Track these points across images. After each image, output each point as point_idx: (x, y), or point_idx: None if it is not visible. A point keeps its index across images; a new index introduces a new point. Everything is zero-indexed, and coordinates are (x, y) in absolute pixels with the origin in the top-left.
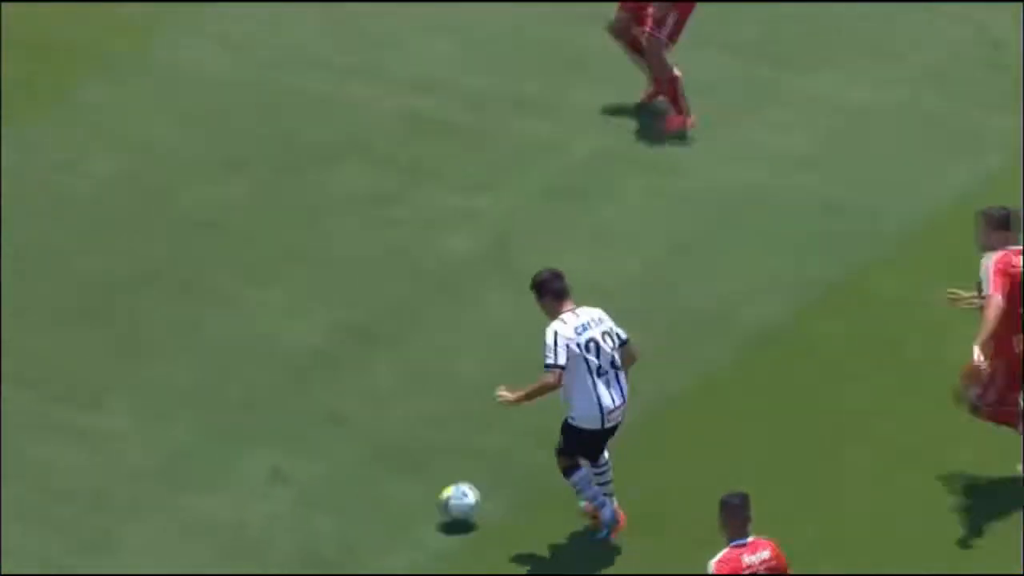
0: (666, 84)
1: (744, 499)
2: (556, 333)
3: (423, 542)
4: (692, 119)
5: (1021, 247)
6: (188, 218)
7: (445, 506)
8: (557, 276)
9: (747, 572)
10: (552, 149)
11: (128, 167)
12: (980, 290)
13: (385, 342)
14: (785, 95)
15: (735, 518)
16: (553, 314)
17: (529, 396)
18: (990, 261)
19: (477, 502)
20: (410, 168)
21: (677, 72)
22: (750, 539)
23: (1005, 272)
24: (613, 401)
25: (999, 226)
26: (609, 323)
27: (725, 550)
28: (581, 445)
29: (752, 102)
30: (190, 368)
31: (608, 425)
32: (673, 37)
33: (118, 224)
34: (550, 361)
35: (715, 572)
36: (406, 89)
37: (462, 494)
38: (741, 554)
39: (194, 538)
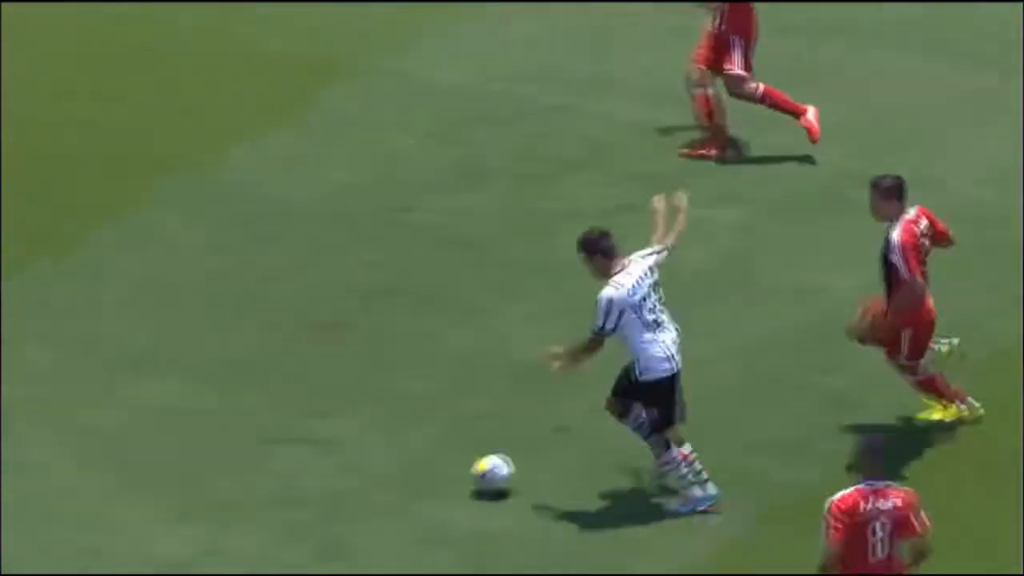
0: (766, 102)
1: (883, 442)
2: (612, 300)
3: (655, 552)
4: (813, 108)
5: (914, 213)
6: (429, 230)
7: (483, 477)
8: (605, 235)
9: (864, 515)
10: (791, 163)
11: (371, 178)
12: (886, 262)
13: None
14: (1016, 106)
15: (870, 459)
16: (604, 274)
17: (574, 356)
18: (898, 239)
19: (511, 472)
20: (649, 180)
21: (761, 85)
22: (883, 484)
23: (916, 247)
24: (675, 340)
25: (890, 196)
26: (655, 272)
27: (852, 488)
28: (663, 399)
29: (983, 114)
30: (429, 378)
31: (679, 366)
32: (748, 66)
33: (360, 236)
34: (599, 325)
35: (831, 507)
36: (648, 101)
37: (498, 466)
38: (866, 495)
39: (431, 546)
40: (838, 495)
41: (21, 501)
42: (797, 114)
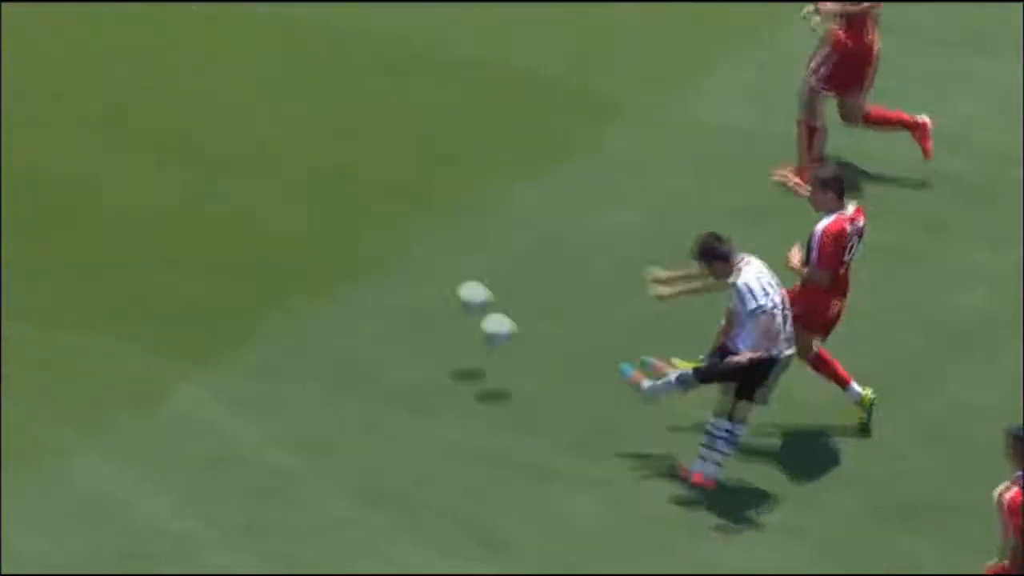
0: (803, 129)
1: None
2: (757, 282)
3: None
4: (804, 186)
5: (852, 210)
6: None
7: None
8: (719, 239)
9: None
10: None
11: (646, 217)
12: (808, 250)
13: (897, 396)
14: None
15: (1019, 450)
16: (727, 274)
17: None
18: (822, 228)
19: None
20: (929, 223)
21: (819, 124)
22: None
23: (838, 240)
24: None
25: (827, 188)
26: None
27: (1013, 487)
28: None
29: None
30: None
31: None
32: (828, 84)
33: (635, 274)
34: (755, 306)
35: (1009, 503)
36: (940, 144)
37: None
38: None
39: None
40: (1010, 491)
41: (302, 535)
42: (801, 160)
